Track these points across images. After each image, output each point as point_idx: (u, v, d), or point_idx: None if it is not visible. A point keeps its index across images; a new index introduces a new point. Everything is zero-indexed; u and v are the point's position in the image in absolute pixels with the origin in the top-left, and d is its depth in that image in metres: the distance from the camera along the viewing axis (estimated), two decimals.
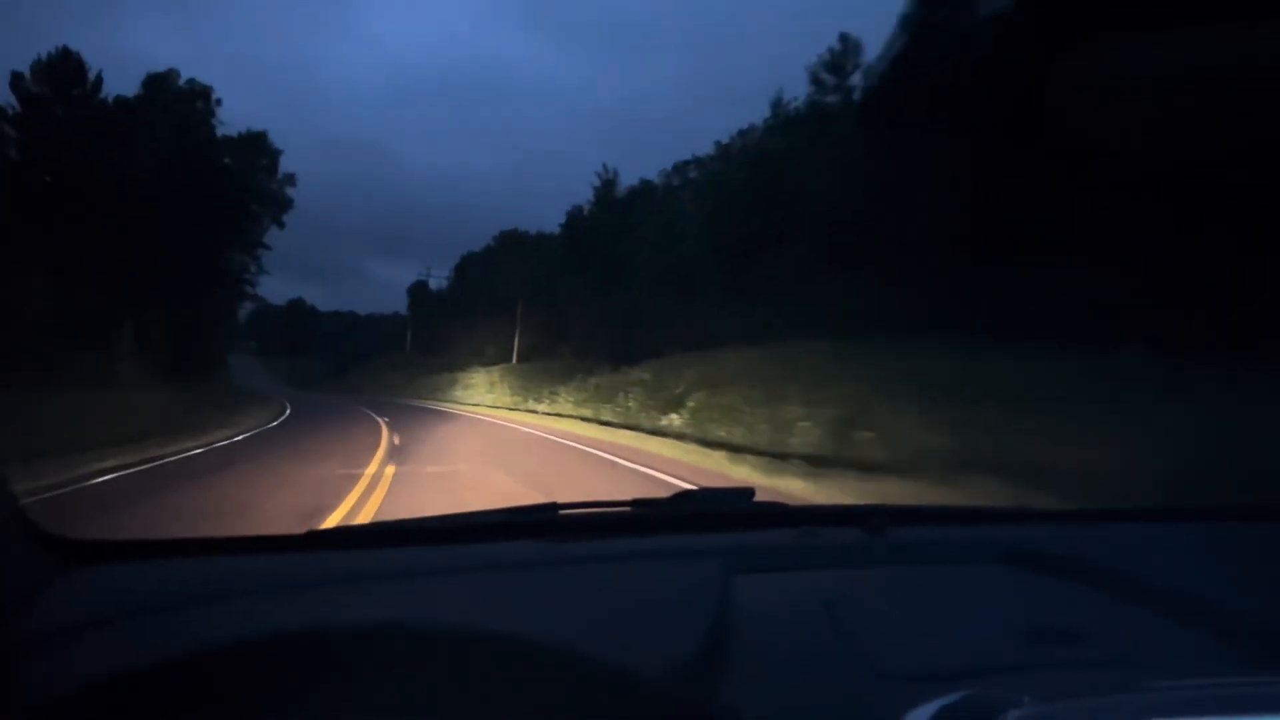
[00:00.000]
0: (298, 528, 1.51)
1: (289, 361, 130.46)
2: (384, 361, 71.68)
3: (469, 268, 67.66)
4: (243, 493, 7.73)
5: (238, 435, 15.67)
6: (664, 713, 0.65)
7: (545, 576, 1.04)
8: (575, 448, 14.77)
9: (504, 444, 15.52)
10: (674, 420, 17.78)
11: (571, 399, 26.18)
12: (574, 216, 49.56)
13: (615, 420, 20.28)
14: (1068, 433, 7.32)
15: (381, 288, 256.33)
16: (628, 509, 1.35)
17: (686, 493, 1.46)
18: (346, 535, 1.28)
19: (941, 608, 0.98)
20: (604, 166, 46.59)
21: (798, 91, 28.76)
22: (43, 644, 0.76)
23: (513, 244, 62.33)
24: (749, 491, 1.41)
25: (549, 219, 62.40)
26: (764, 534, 1.30)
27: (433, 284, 79.49)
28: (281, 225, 38.72)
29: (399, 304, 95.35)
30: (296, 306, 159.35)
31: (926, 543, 1.30)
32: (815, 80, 27.18)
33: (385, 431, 16.75)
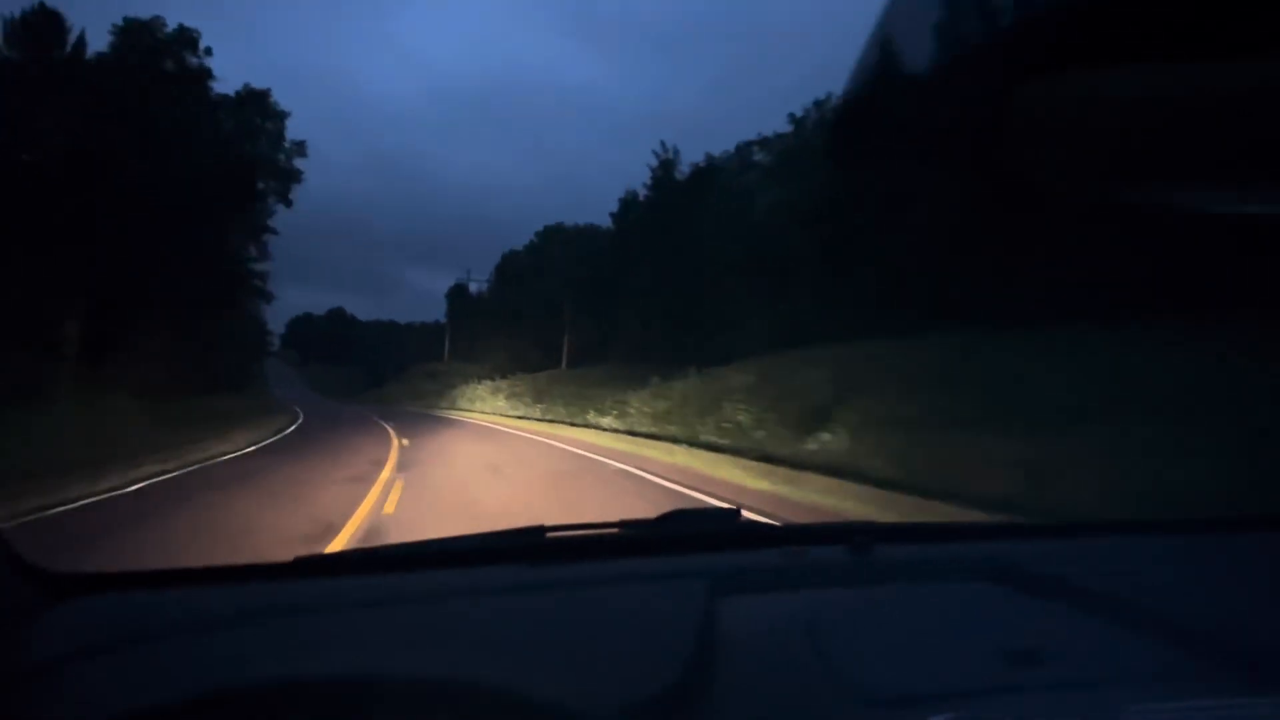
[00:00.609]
0: None
1: (328, 371, 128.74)
2: (422, 370, 67.15)
3: (510, 268, 62.45)
4: None
5: (175, 471, 10.14)
6: None
7: (531, 601, 1.05)
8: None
9: (605, 502, 8.43)
10: (828, 442, 11.62)
11: (648, 411, 20.09)
12: (627, 203, 43.73)
13: (725, 442, 14.02)
14: None
15: (422, 296, 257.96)
16: (615, 530, 1.35)
17: (672, 513, 1.44)
18: (334, 562, 1.34)
19: (924, 628, 0.97)
20: (662, 145, 40.56)
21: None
22: (27, 678, 0.76)
23: (557, 240, 56.91)
24: (735, 511, 1.46)
25: (590, 221, 56.46)
26: (750, 554, 1.29)
27: (473, 289, 74.69)
28: (289, 203, 33.69)
29: (439, 313, 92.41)
30: (336, 316, 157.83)
31: (912, 561, 1.30)
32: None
33: (389, 471, 10.88)
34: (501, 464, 12.03)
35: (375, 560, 1.24)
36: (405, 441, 16.18)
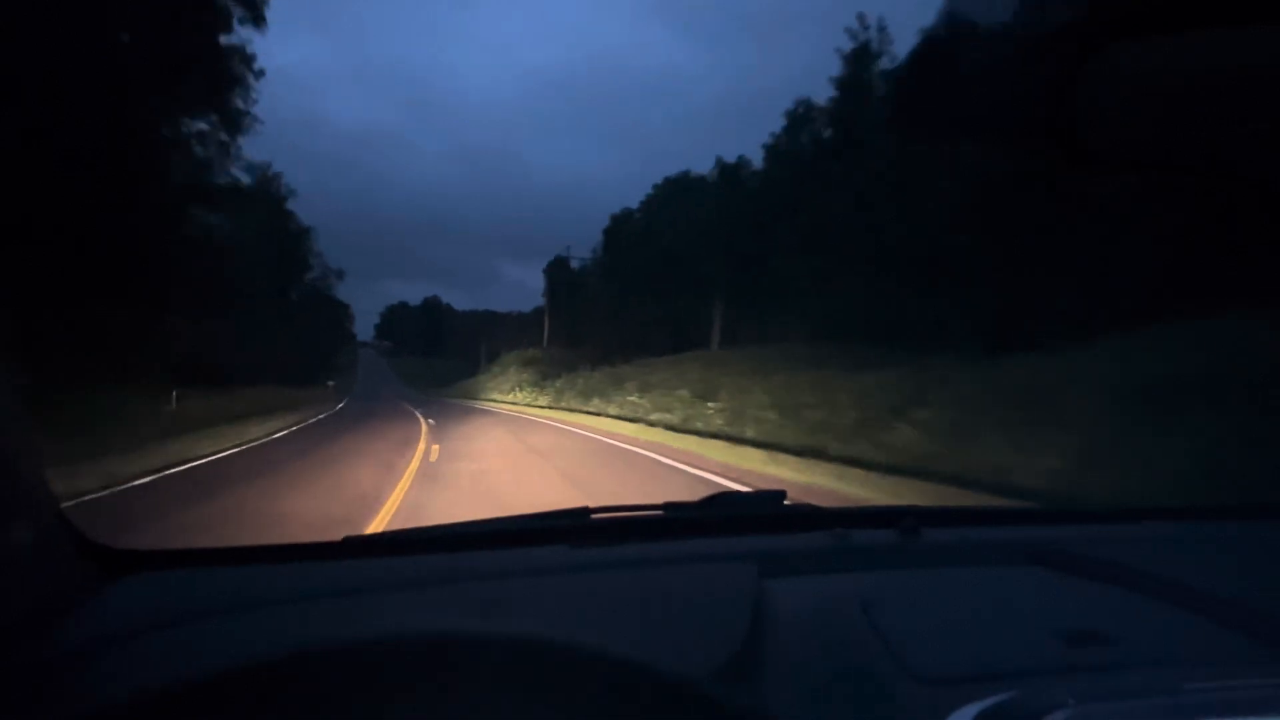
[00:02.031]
0: None
1: (420, 361, 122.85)
2: (518, 357, 56.69)
3: (623, 234, 50.84)
4: None
5: None
6: (703, 715, 0.65)
7: (580, 581, 1.05)
8: None
9: None
10: None
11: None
12: (797, 120, 31.26)
13: None
14: None
15: (516, 289, 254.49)
16: (659, 513, 1.34)
17: (717, 495, 1.42)
18: (383, 542, 1.31)
19: (977, 610, 0.97)
20: (859, 19, 27.61)
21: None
22: (85, 654, 0.77)
23: (684, 192, 44.97)
24: (780, 494, 1.42)
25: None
26: (796, 537, 1.27)
27: (575, 265, 64.05)
28: (259, 74, 23.20)
29: (537, 302, 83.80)
30: (431, 305, 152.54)
31: (959, 544, 1.29)
32: None
33: None
34: None
35: (423, 540, 1.24)
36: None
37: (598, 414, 22.46)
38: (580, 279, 58.61)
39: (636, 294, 43.17)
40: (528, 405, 33.60)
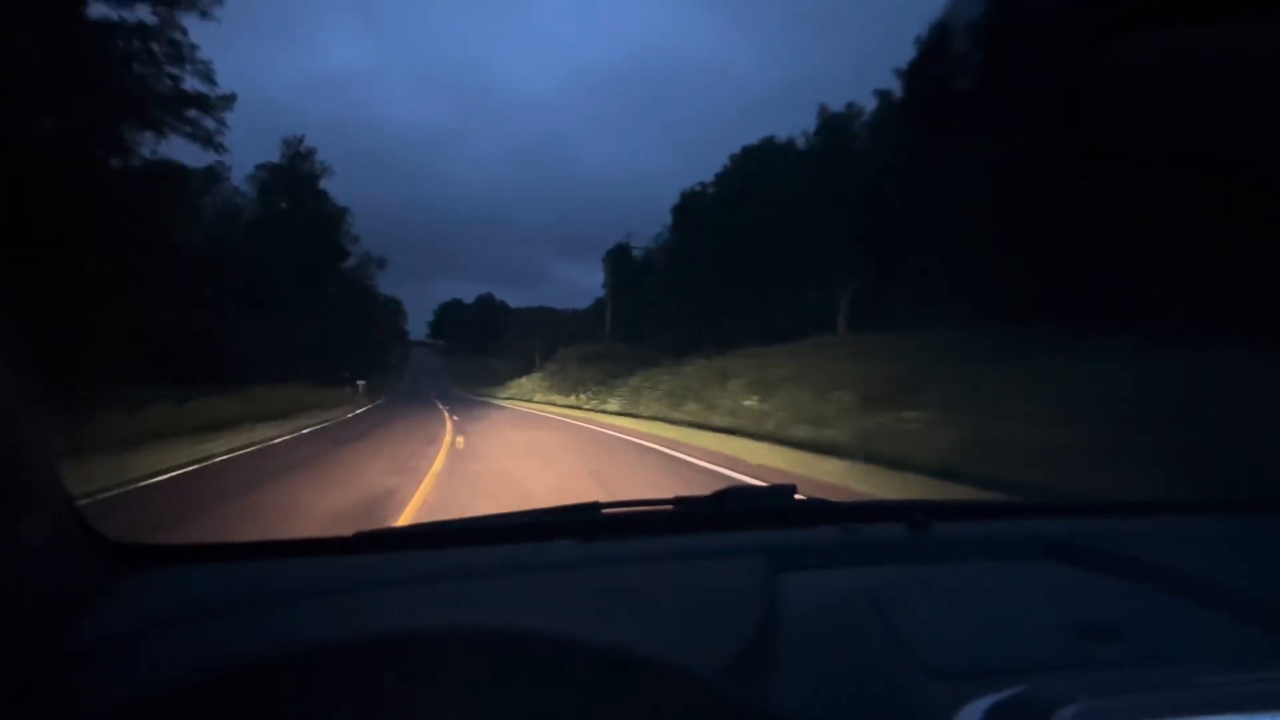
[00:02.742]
0: None
1: (475, 359, 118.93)
2: (577, 353, 51.18)
3: (695, 212, 44.67)
4: None
5: None
6: (715, 710, 0.64)
7: (590, 576, 1.05)
8: None
9: None
10: None
11: None
12: (931, 49, 24.71)
13: None
14: None
15: (568, 288, 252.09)
16: (670, 507, 1.34)
17: (728, 489, 1.40)
18: (394, 537, 1.30)
19: (988, 604, 0.97)
20: None
21: None
22: (98, 650, 0.77)
23: (767, 161, 38.55)
24: (790, 488, 1.42)
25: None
26: (806, 531, 1.27)
27: (638, 253, 58.26)
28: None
29: (589, 300, 79.21)
30: (485, 301, 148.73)
31: (968, 538, 1.28)
32: None
33: None
34: None
35: (433, 535, 1.25)
36: None
37: (700, 425, 16.06)
38: (644, 268, 52.67)
39: (713, 278, 37.02)
40: (594, 410, 27.63)
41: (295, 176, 44.53)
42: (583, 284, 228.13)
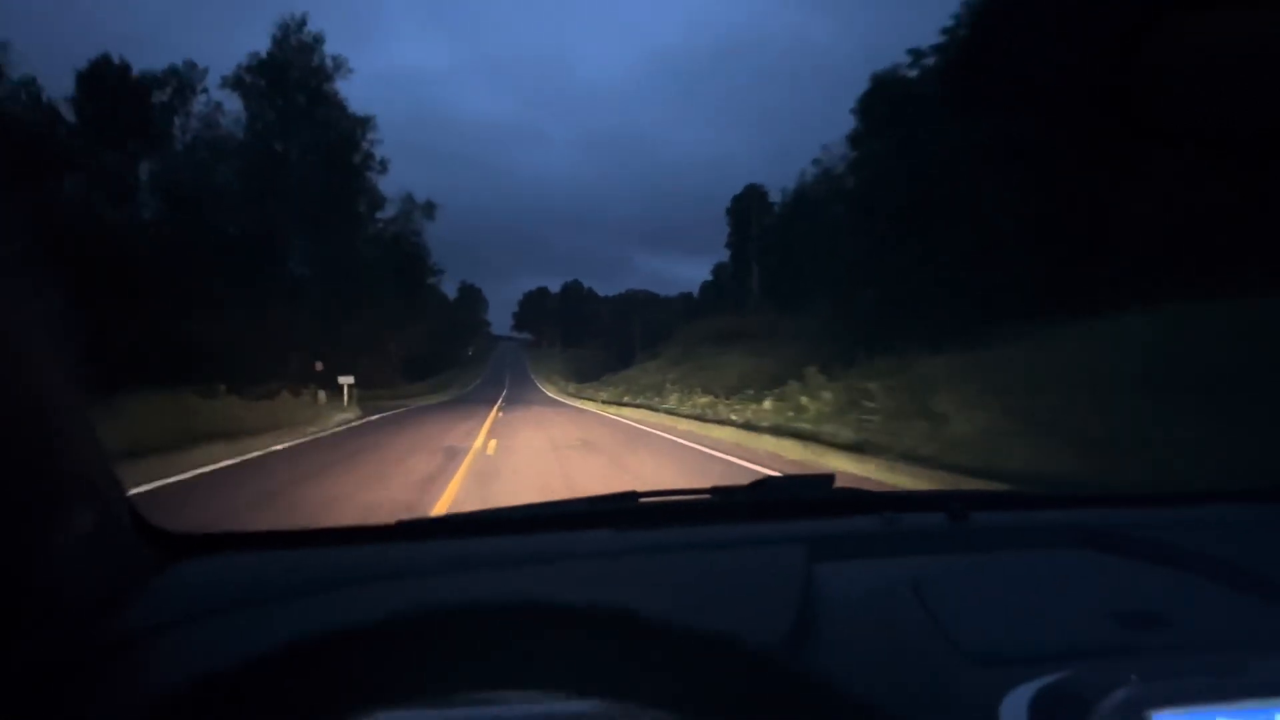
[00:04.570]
0: None
1: (561, 352, 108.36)
2: (694, 333, 37.99)
3: (901, 103, 30.49)
4: None
5: None
6: (765, 679, 0.64)
7: (630, 563, 1.07)
8: None
9: None
10: None
11: None
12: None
13: None
14: None
15: (651, 279, 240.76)
16: (707, 496, 1.35)
17: (765, 479, 1.42)
18: (435, 525, 1.37)
19: (1029, 592, 0.97)
20: None
21: None
22: (146, 639, 0.78)
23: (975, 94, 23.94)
24: (829, 477, 1.42)
25: None
26: (845, 521, 1.28)
27: (774, 198, 44.68)
28: None
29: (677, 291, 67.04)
30: (571, 290, 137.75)
31: (1011, 527, 1.30)
32: None
33: None
34: None
35: (471, 524, 1.28)
36: None
37: None
38: (788, 219, 38.97)
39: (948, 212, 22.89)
40: (822, 446, 14.08)
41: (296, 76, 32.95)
42: (669, 274, 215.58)
